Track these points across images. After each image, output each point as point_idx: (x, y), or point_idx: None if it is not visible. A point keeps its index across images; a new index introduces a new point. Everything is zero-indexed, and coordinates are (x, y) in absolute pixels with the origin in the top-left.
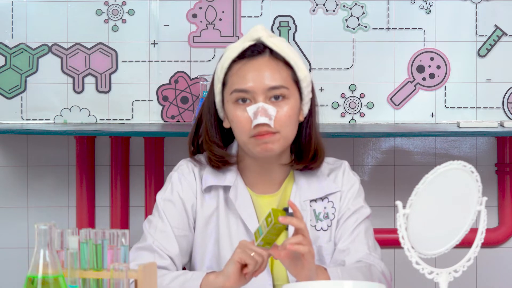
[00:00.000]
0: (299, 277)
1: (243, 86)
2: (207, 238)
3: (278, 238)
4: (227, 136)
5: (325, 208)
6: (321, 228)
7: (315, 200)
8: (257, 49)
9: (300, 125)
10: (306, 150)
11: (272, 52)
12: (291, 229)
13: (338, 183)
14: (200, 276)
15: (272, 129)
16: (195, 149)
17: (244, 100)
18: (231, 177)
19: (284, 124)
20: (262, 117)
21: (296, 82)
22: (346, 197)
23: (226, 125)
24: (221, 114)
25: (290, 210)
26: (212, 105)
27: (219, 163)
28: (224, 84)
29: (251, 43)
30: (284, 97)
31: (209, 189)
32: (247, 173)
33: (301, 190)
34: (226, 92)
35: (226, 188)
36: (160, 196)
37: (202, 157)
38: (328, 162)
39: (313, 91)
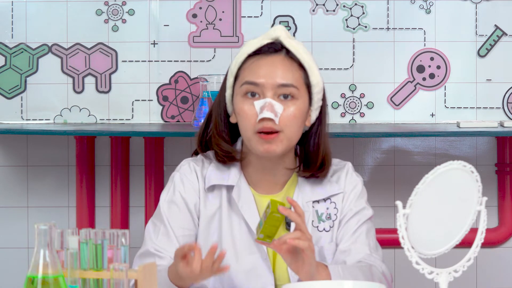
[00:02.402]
0: (300, 273)
1: (254, 79)
2: (210, 237)
3: (278, 231)
4: (234, 133)
5: (327, 209)
6: (324, 229)
7: (318, 201)
8: (274, 47)
9: (308, 133)
10: (314, 159)
11: (288, 53)
12: (292, 227)
13: (340, 184)
14: (165, 272)
15: (276, 126)
16: (203, 145)
17: (253, 94)
18: (234, 177)
19: (289, 124)
20: (268, 112)
21: (308, 86)
22: (348, 198)
23: (233, 120)
24: (229, 108)
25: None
26: (223, 99)
27: (225, 158)
28: (236, 77)
29: (269, 41)
30: (293, 97)
31: (212, 188)
32: (250, 172)
33: (304, 191)
34: (237, 85)
35: (229, 188)
36: (163, 197)
37: (210, 153)
38: (332, 163)
39: (324, 99)
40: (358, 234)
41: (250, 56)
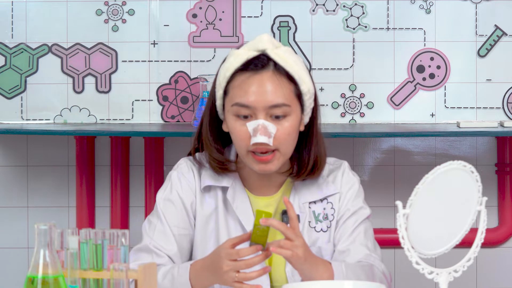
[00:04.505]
0: (299, 272)
1: (245, 101)
2: (207, 237)
3: (267, 239)
4: (228, 136)
5: (324, 209)
6: (321, 229)
7: (314, 202)
8: (261, 63)
9: (301, 134)
10: (305, 162)
11: (276, 65)
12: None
13: (337, 184)
14: (186, 270)
15: (270, 147)
16: (200, 148)
17: (245, 116)
18: (229, 178)
19: (284, 141)
20: (261, 136)
21: (299, 95)
22: (345, 198)
23: (225, 128)
24: (221, 116)
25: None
26: (213, 108)
27: (219, 169)
28: (225, 92)
29: (256, 53)
30: (286, 115)
31: (208, 188)
32: (245, 175)
33: (300, 192)
34: (227, 102)
35: (225, 189)
36: (159, 195)
37: (202, 157)
38: (329, 162)
39: (315, 100)
40: (356, 234)
41: (238, 71)
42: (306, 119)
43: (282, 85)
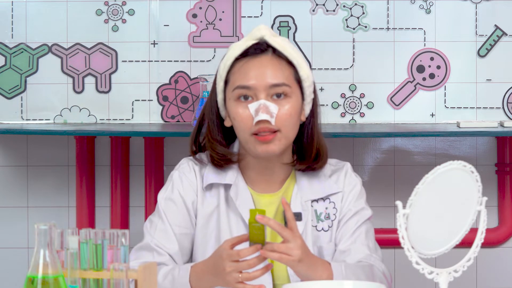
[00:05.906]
0: (295, 273)
1: (245, 82)
2: (208, 236)
3: (264, 237)
4: (229, 136)
5: (326, 208)
6: (322, 229)
7: (317, 201)
8: (260, 48)
9: (302, 126)
10: (308, 150)
11: (275, 51)
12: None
13: (340, 184)
14: (186, 272)
15: (273, 126)
16: (197, 149)
17: (246, 97)
18: (232, 175)
19: (285, 122)
20: (263, 114)
21: (298, 81)
22: (347, 198)
23: (227, 124)
24: (222, 112)
25: (296, 210)
26: (215, 104)
27: (222, 162)
28: (226, 82)
29: (254, 41)
30: (286, 95)
31: (209, 187)
32: (248, 171)
33: (303, 190)
34: (228, 90)
35: (227, 186)
36: (161, 195)
37: (203, 156)
38: (331, 163)
39: (315, 91)
40: (358, 234)
41: (238, 59)
42: (307, 109)
43: (281, 67)
